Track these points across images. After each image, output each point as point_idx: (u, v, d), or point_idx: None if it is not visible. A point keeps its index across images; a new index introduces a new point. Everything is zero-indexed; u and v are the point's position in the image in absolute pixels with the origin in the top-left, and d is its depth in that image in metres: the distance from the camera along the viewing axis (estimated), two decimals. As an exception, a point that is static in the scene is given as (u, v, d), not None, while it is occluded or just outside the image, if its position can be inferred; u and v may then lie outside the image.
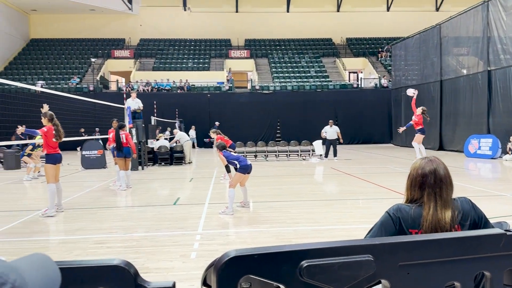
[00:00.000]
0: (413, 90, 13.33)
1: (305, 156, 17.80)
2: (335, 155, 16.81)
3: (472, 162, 15.25)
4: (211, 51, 34.32)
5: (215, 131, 10.97)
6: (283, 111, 27.45)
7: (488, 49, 17.37)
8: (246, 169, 7.13)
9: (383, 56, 33.25)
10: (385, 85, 28.83)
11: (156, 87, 28.48)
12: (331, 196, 9.02)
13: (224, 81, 29.82)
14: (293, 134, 23.75)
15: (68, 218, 6.98)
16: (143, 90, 27.49)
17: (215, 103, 27.44)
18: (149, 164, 15.70)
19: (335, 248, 1.21)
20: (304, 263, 1.17)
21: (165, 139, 17.24)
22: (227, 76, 30.36)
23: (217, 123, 24.73)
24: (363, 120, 27.45)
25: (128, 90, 23.42)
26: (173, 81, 29.11)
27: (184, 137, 16.39)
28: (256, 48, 34.89)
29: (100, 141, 15.76)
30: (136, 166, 14.14)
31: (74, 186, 10.59)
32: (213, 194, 9.03)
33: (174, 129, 19.07)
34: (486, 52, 17.47)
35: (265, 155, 17.82)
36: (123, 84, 29.99)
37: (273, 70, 31.72)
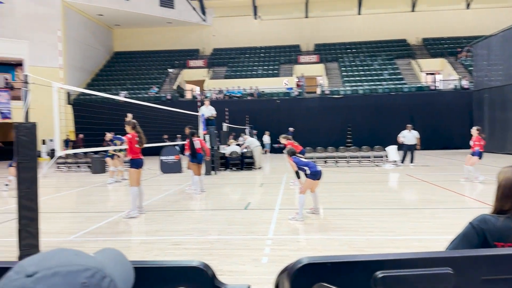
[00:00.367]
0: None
1: (378, 162, 17.19)
2: (412, 161, 16.03)
3: None
4: (281, 57, 34.59)
5: (285, 137, 11.02)
6: (354, 116, 26.80)
7: None
8: (316, 175, 7.08)
9: (463, 56, 31.13)
10: (466, 87, 26.93)
11: (228, 95, 29.32)
12: (407, 205, 8.62)
13: (294, 87, 29.85)
14: (365, 139, 23.07)
15: (148, 220, 7.42)
16: (216, 98, 28.45)
17: (284, 109, 27.56)
18: (221, 169, 16.18)
19: (412, 260, 1.18)
20: (379, 274, 1.15)
21: (236, 145, 17.67)
22: (298, 81, 30.35)
23: (291, 129, 24.86)
24: (442, 124, 25.87)
25: (202, 98, 24.39)
26: (244, 88, 29.76)
27: (254, 143, 16.67)
28: (326, 53, 34.52)
29: (177, 147, 16.55)
30: (209, 171, 14.66)
31: (153, 190, 11.24)
32: (283, 200, 9.07)
33: (244, 135, 19.47)
34: None
35: (336, 161, 17.50)
36: (197, 93, 31.30)
37: (344, 74, 31.14)
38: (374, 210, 7.66)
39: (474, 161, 11.31)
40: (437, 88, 27.99)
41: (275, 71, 32.53)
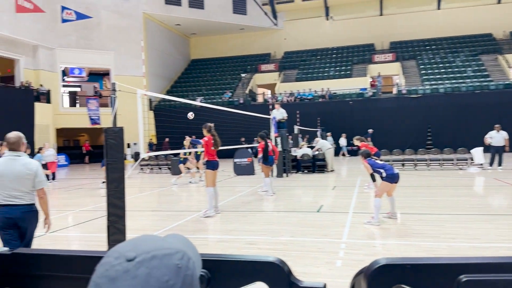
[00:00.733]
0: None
1: (462, 165, 16.04)
2: (500, 164, 14.76)
3: None
4: (353, 58, 33.78)
5: (359, 138, 10.75)
6: (434, 116, 25.29)
7: None
8: (393, 178, 6.81)
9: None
10: None
11: (299, 97, 29.29)
12: (495, 210, 7.95)
13: (368, 87, 28.97)
14: (446, 141, 21.69)
15: (224, 219, 7.67)
16: (287, 101, 28.55)
17: (358, 110, 26.83)
18: (293, 172, 16.19)
19: (500, 264, 1.11)
20: (463, 278, 1.10)
21: (308, 147, 17.57)
22: (372, 81, 29.39)
23: (371, 130, 24.22)
24: (535, 124, 23.46)
25: (273, 101, 24.64)
26: (315, 90, 29.52)
27: (326, 145, 16.45)
28: (403, 51, 33.04)
29: (250, 150, 16.88)
30: (281, 173, 14.75)
31: (228, 191, 11.58)
32: (357, 203, 8.85)
33: (316, 138, 19.29)
34: None
35: (414, 164, 16.64)
36: (269, 96, 31.66)
37: (422, 73, 29.54)
38: (458, 216, 7.18)
39: None
40: (530, 84, 25.46)
41: (348, 72, 31.83)
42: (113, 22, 29.92)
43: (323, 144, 16.55)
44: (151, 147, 26.36)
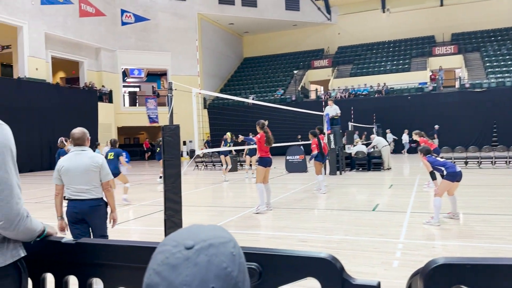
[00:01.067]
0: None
1: (532, 164, 14.89)
2: None
3: None
4: (412, 51, 32.41)
5: (418, 133, 10.33)
6: (501, 111, 23.66)
7: None
8: (455, 177, 6.45)
9: None
10: None
11: (353, 93, 28.62)
12: None
13: (427, 81, 27.68)
14: (515, 138, 20.20)
15: (276, 216, 7.70)
16: (340, 97, 28.01)
17: (417, 106, 25.71)
18: (347, 169, 15.87)
19: None
20: (530, 281, 1.03)
21: (363, 145, 17.13)
22: (433, 75, 28.04)
23: (437, 126, 23.35)
24: None
25: (326, 98, 24.27)
26: (371, 86, 28.69)
27: (382, 143, 15.94)
28: (465, 42, 31.19)
29: (302, 147, 16.77)
30: (334, 171, 14.52)
31: (280, 188, 11.60)
32: (415, 203, 8.51)
33: (371, 135, 18.75)
34: None
35: (478, 162, 15.67)
36: (322, 93, 31.23)
37: (487, 65, 27.71)
38: (527, 218, 6.68)
39: None
40: None
41: (406, 66, 30.60)
42: (170, 24, 30.96)
43: (379, 141, 16.05)
44: (209, 144, 27.01)
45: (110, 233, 4.13)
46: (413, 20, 33.93)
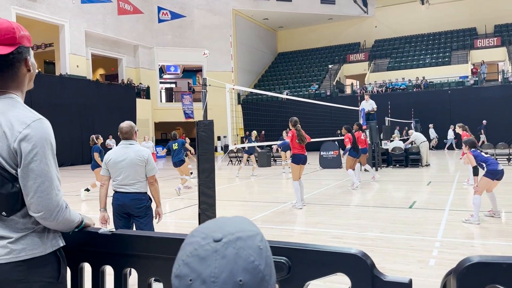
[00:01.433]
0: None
1: None
2: None
3: None
4: (452, 43, 31.19)
5: (462, 126, 9.96)
6: (550, 106, 22.41)
7: None
8: (495, 175, 6.17)
9: None
10: None
11: (391, 87, 27.90)
12: None
13: (469, 75, 26.58)
14: None
15: (309, 212, 7.67)
16: (377, 91, 27.39)
17: (457, 100, 24.76)
18: (383, 166, 15.53)
19: None
20: None
21: (400, 140, 16.69)
22: (474, 68, 26.90)
23: (484, 122, 22.52)
24: None
25: (362, 92, 23.79)
26: (409, 80, 27.87)
27: (420, 138, 15.47)
28: (509, 34, 29.66)
29: (336, 143, 16.56)
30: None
31: (314, 184, 11.52)
32: (454, 200, 8.22)
33: (410, 130, 18.23)
34: None
35: (523, 159, 14.92)
36: (357, 87, 30.66)
37: (535, 57, 26.29)
38: None
39: None
40: None
41: (446, 59, 29.51)
42: (205, 20, 31.28)
43: (417, 137, 15.58)
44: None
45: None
46: (454, 12, 32.63)
